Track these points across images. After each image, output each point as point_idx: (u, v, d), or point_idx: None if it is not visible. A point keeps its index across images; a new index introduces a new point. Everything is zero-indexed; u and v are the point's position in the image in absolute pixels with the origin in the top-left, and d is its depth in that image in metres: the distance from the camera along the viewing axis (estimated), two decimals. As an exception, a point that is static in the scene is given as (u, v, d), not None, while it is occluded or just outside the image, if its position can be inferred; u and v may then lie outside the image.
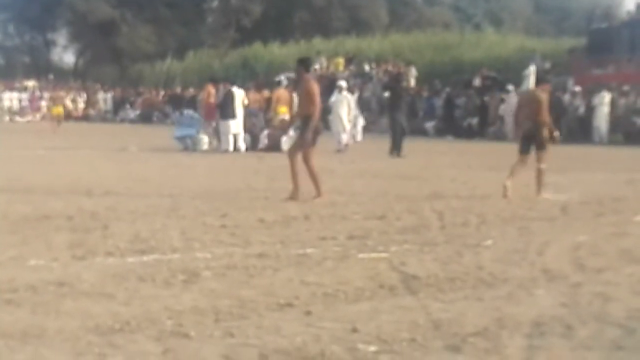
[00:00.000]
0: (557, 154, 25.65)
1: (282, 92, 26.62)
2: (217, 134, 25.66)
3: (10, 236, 9.45)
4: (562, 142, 30.30)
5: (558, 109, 32.60)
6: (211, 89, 27.53)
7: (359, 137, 28.93)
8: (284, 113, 25.06)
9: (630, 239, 9.78)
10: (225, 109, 25.04)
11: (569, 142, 30.33)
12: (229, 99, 25.30)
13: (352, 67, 45.25)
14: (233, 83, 26.68)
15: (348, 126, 25.74)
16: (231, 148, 24.43)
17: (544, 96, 13.83)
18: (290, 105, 24.44)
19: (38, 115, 51.78)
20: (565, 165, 20.56)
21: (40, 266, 7.84)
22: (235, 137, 24.83)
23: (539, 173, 13.82)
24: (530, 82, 35.02)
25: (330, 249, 8.85)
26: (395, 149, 23.03)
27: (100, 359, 5.16)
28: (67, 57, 78.54)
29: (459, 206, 12.40)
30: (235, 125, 24.80)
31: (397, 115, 23.74)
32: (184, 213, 11.40)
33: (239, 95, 25.48)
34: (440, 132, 35.34)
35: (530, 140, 13.86)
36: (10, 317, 6.02)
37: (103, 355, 5.21)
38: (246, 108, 25.90)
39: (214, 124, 26.49)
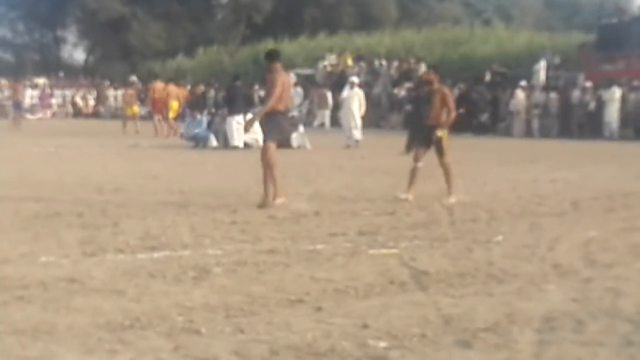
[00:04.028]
0: (568, 149, 25.72)
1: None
2: (222, 131, 25.60)
3: (21, 233, 9.47)
4: (573, 138, 30.48)
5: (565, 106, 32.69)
6: (157, 85, 32.68)
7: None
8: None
9: (641, 234, 9.77)
10: (232, 105, 25.07)
11: (580, 138, 30.35)
12: (234, 94, 25.33)
13: (361, 64, 45.21)
14: (237, 79, 26.64)
15: (360, 122, 25.70)
16: (241, 144, 24.40)
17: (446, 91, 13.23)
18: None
19: (49, 112, 51.87)
20: (575, 161, 20.55)
21: (51, 263, 7.86)
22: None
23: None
24: (541, 77, 35.03)
25: (340, 245, 8.85)
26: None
27: (111, 355, 5.17)
28: (77, 54, 78.66)
29: (469, 202, 12.39)
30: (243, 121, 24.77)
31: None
32: (194, 210, 11.41)
33: (243, 91, 25.64)
34: (450, 128, 35.19)
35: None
36: (22, 313, 6.04)
37: (113, 351, 5.22)
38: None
39: (157, 117, 31.21)
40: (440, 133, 12.70)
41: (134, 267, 7.67)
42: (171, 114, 32.32)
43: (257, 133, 20.51)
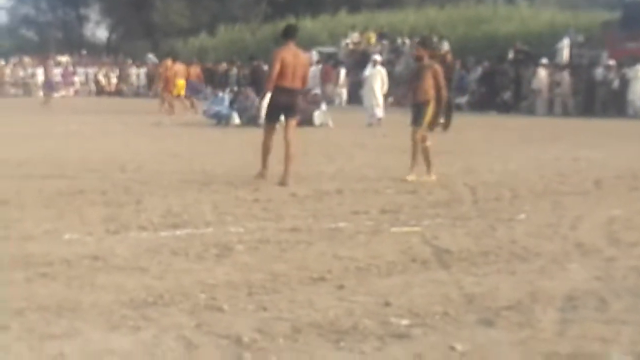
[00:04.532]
0: (592, 127, 25.59)
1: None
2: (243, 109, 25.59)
3: (45, 210, 9.52)
4: (596, 116, 30.31)
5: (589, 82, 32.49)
6: (169, 63, 32.76)
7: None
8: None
9: (665, 213, 9.72)
10: (258, 84, 25.05)
11: (603, 116, 30.18)
12: (259, 75, 25.32)
13: (384, 42, 45.04)
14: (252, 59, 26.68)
15: (382, 100, 25.63)
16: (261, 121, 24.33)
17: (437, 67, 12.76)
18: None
19: (71, 90, 51.97)
20: (599, 139, 20.45)
21: (75, 240, 7.90)
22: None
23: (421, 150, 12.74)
24: (564, 55, 34.81)
25: (362, 223, 8.86)
26: (448, 125, 22.97)
27: (134, 331, 5.19)
28: (99, 32, 78.85)
29: (492, 180, 12.36)
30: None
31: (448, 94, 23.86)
32: (216, 187, 11.43)
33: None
34: (473, 107, 35.13)
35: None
36: (46, 290, 6.07)
37: (137, 328, 5.25)
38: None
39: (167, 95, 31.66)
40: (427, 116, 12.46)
41: (156, 244, 7.69)
42: (177, 92, 32.60)
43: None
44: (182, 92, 32.64)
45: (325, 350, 4.91)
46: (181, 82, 32.57)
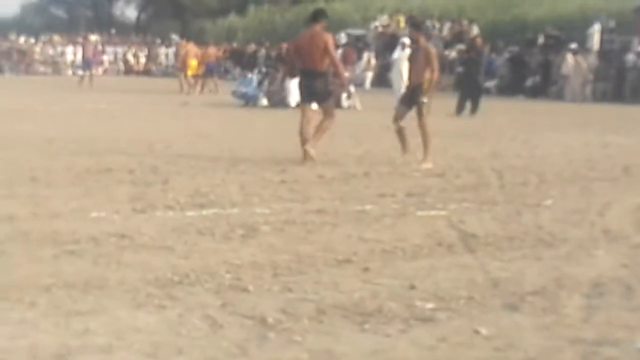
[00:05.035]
0: (621, 113, 25.42)
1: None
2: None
3: (73, 188, 9.58)
4: (626, 103, 30.09)
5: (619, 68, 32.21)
6: (184, 44, 35.48)
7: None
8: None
9: (694, 201, 9.65)
10: (292, 67, 25.09)
11: (633, 102, 29.95)
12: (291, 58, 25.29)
13: (413, 25, 44.87)
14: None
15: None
16: (294, 104, 24.41)
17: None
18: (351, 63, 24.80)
19: (100, 70, 52.18)
20: (628, 126, 20.33)
21: (102, 218, 7.94)
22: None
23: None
24: (595, 40, 34.55)
25: (388, 206, 8.85)
26: (476, 109, 22.98)
27: (160, 310, 5.22)
28: (129, 11, 79.11)
29: (519, 165, 12.32)
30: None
31: (476, 79, 23.83)
32: (243, 168, 11.46)
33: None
34: (502, 91, 34.98)
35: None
36: (73, 267, 6.11)
37: (162, 306, 5.27)
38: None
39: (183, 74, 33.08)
40: (424, 99, 12.33)
41: (183, 224, 7.72)
42: (189, 72, 33.38)
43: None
44: (195, 72, 33.10)
45: (350, 332, 4.92)
46: (193, 62, 32.92)
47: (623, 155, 13.78)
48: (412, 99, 12.46)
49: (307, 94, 12.55)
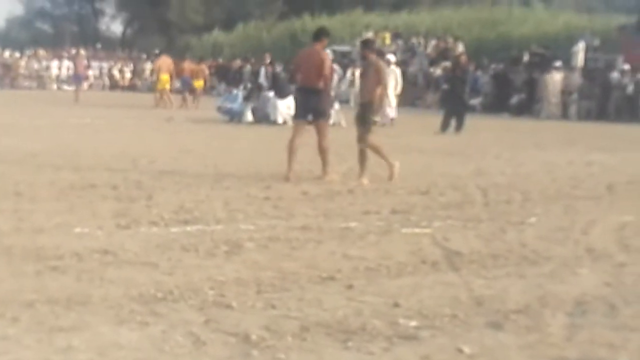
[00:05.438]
0: (605, 132, 25.52)
1: None
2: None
3: (56, 203, 9.55)
4: (610, 121, 30.21)
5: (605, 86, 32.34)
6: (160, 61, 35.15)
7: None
8: None
9: (677, 220, 9.68)
10: (278, 88, 25.45)
11: (617, 121, 30.08)
12: (279, 78, 25.62)
13: (399, 42, 45.02)
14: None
15: (394, 101, 25.61)
16: (280, 120, 24.44)
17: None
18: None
19: (85, 84, 52.07)
20: (612, 144, 20.39)
21: (86, 234, 7.92)
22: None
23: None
24: (579, 59, 34.71)
25: (373, 223, 8.85)
26: (461, 126, 22.98)
27: (143, 326, 5.20)
28: (114, 26, 79.00)
29: (503, 183, 12.35)
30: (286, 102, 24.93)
31: (461, 97, 23.83)
32: (228, 184, 11.45)
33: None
34: (487, 109, 35.09)
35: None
36: (56, 283, 6.09)
37: (145, 323, 5.26)
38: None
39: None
40: (376, 118, 12.36)
41: (167, 240, 7.71)
42: (160, 86, 33.60)
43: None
44: (167, 87, 33.45)
45: (333, 350, 4.92)
46: (165, 77, 33.09)
47: (607, 174, 13.83)
48: (363, 117, 12.41)
49: (303, 110, 12.61)
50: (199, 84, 35.62)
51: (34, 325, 5.14)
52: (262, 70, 35.91)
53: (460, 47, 38.48)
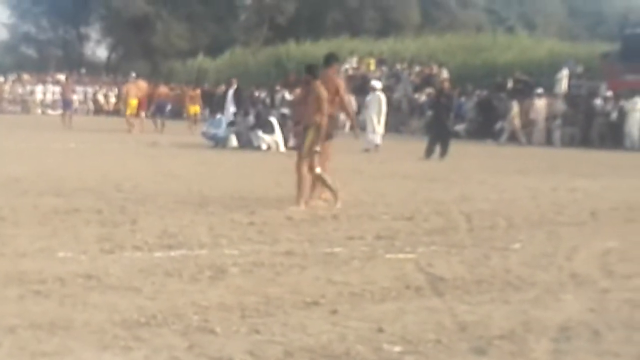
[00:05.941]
0: (588, 158, 25.62)
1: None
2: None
3: (40, 228, 9.52)
4: (594, 147, 30.35)
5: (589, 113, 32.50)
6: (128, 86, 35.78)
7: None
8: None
9: (660, 246, 9.71)
10: (259, 120, 25.63)
11: (601, 148, 30.23)
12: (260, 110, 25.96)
13: (383, 68, 45.18)
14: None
15: (379, 127, 25.70)
16: (264, 147, 24.46)
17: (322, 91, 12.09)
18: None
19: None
20: (595, 171, 20.46)
21: (69, 259, 7.89)
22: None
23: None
24: (563, 85, 34.91)
25: (357, 249, 8.85)
26: (445, 152, 23.02)
27: (126, 352, 5.18)
28: (99, 51, 78.89)
29: (487, 209, 12.36)
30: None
31: (446, 123, 23.89)
32: (212, 209, 11.43)
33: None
34: (471, 135, 35.20)
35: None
36: (39, 308, 6.06)
37: (128, 348, 5.24)
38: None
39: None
40: (317, 148, 12.02)
41: (150, 265, 7.69)
42: (129, 111, 34.23)
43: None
44: (133, 112, 34.30)
45: (317, 375, 4.90)
46: (133, 102, 33.36)
47: (590, 200, 13.87)
48: (303, 142, 12.22)
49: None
50: (194, 109, 35.76)
51: (16, 350, 5.11)
52: (230, 93, 35.76)
53: (445, 74, 38.66)
